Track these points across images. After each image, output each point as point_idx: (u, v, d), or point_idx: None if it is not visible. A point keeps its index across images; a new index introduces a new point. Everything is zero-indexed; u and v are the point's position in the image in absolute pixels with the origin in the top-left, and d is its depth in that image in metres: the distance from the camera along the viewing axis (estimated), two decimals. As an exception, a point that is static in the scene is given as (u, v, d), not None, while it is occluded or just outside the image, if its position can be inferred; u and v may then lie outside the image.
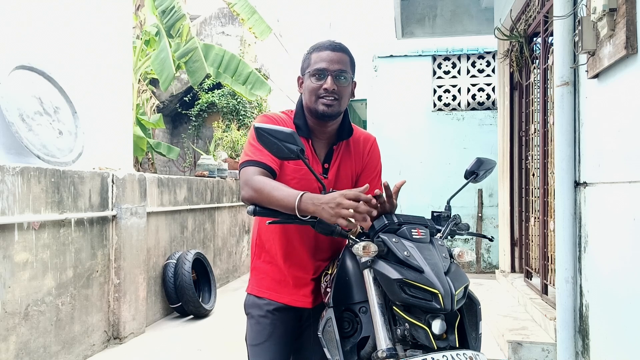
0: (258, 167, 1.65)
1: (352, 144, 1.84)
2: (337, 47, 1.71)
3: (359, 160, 1.85)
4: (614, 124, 2.41)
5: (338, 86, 1.68)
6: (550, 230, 3.63)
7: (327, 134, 1.79)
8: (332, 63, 1.67)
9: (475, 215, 7.23)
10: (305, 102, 1.75)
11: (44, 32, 4.16)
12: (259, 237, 1.86)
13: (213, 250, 6.31)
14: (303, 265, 1.78)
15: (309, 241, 1.78)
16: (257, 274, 1.86)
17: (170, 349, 4.04)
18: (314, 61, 1.70)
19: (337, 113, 1.72)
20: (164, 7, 7.04)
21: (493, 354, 3.50)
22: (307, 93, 1.72)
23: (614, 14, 2.24)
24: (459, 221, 1.67)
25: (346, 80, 1.70)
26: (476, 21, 6.43)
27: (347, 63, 1.71)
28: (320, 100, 1.68)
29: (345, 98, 1.72)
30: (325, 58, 1.68)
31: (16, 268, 3.08)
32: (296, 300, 1.78)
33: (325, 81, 1.67)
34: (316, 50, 1.72)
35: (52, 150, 3.88)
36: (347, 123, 1.81)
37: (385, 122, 7.66)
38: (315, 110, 1.71)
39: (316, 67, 1.68)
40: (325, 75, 1.67)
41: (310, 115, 1.76)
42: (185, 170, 10.59)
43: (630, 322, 2.26)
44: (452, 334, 1.33)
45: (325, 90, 1.67)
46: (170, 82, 6.67)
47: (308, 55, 1.74)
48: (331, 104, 1.68)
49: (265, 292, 1.81)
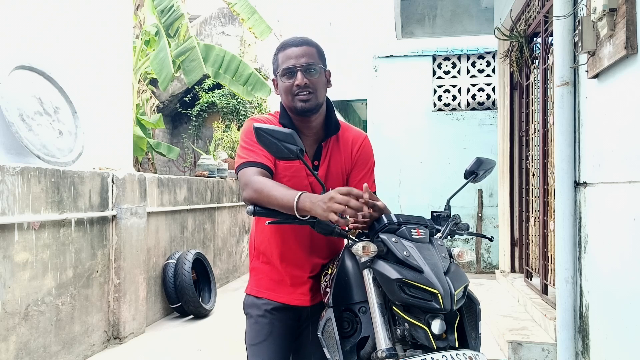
0: (256, 167, 1.66)
1: (342, 141, 1.83)
2: (300, 41, 1.71)
3: (349, 157, 1.84)
4: (614, 124, 2.41)
5: (309, 79, 1.67)
6: (550, 230, 3.63)
7: (313, 129, 1.78)
8: (298, 58, 1.67)
9: (475, 215, 7.23)
10: (284, 102, 1.76)
11: (44, 32, 4.16)
12: (256, 239, 1.87)
13: (213, 250, 6.31)
14: (300, 264, 1.79)
15: (305, 240, 1.78)
16: (256, 275, 1.87)
17: (170, 349, 4.04)
18: (282, 61, 1.71)
19: (316, 105, 1.71)
20: (163, 6, 7.04)
21: (493, 354, 3.50)
22: (282, 93, 1.73)
23: (614, 14, 2.24)
24: (459, 221, 1.67)
25: (316, 72, 1.69)
26: (476, 21, 6.43)
27: (313, 55, 1.70)
28: (296, 97, 1.68)
29: (321, 89, 1.72)
30: (291, 55, 1.68)
31: (16, 268, 3.08)
32: (294, 299, 1.79)
33: (295, 78, 1.67)
34: (281, 50, 1.72)
35: (52, 150, 3.88)
36: (332, 118, 1.81)
37: (385, 122, 7.66)
38: (294, 108, 1.71)
39: (284, 67, 1.69)
40: (294, 72, 1.67)
41: (292, 114, 1.76)
42: (185, 170, 10.59)
43: (630, 322, 2.26)
44: (452, 334, 1.34)
45: (298, 87, 1.67)
46: (169, 81, 6.66)
47: (276, 57, 1.74)
48: (307, 99, 1.68)
49: (264, 292, 1.81)
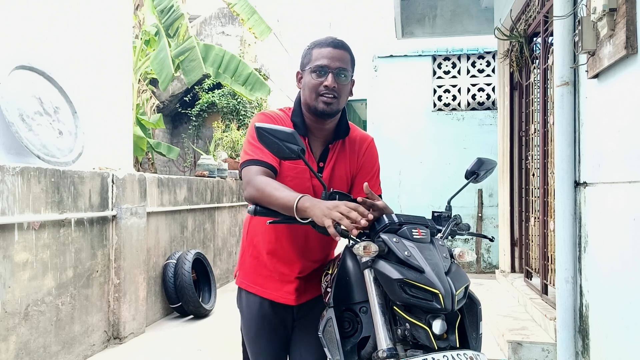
0: (260, 166, 1.64)
1: (348, 144, 1.82)
2: (339, 44, 1.68)
3: (354, 160, 1.82)
4: (614, 124, 2.41)
5: (338, 84, 1.65)
6: (550, 230, 3.63)
7: (324, 131, 1.77)
8: (334, 60, 1.65)
9: (475, 215, 7.23)
10: (305, 99, 1.72)
11: (44, 32, 4.16)
12: (248, 232, 1.87)
13: (213, 250, 6.31)
14: (289, 263, 1.78)
15: (299, 241, 1.77)
16: (245, 267, 1.87)
17: (170, 349, 4.04)
18: (315, 57, 1.67)
19: (336, 111, 1.70)
20: (163, 6, 7.04)
21: (493, 354, 3.50)
22: (306, 89, 1.69)
23: (614, 14, 2.24)
24: (460, 221, 1.67)
25: (346, 79, 1.67)
26: (476, 21, 6.42)
27: (348, 61, 1.68)
28: (320, 97, 1.66)
29: (345, 96, 1.71)
30: (327, 55, 1.65)
31: (16, 268, 3.08)
32: (280, 296, 1.80)
33: (326, 78, 1.64)
34: (318, 46, 1.68)
35: (52, 150, 3.88)
36: (344, 122, 1.80)
37: (385, 122, 7.65)
38: (314, 108, 1.68)
39: (317, 64, 1.65)
40: (326, 72, 1.65)
41: (308, 113, 1.74)
42: (185, 170, 10.59)
43: (630, 322, 2.26)
44: (453, 334, 1.33)
45: (326, 88, 1.64)
46: (169, 81, 6.66)
47: (309, 51, 1.71)
48: (331, 102, 1.65)
49: (254, 287, 1.83)
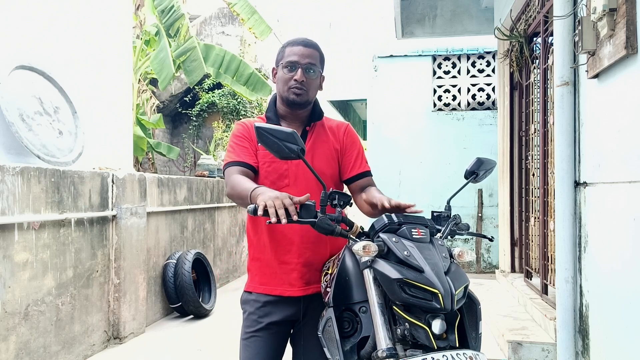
0: (237, 166, 1.81)
1: (329, 130, 1.97)
2: (309, 43, 1.87)
3: (336, 140, 1.97)
4: (614, 124, 2.41)
5: (307, 78, 1.84)
6: (550, 230, 3.63)
7: (298, 118, 1.93)
8: (304, 57, 1.83)
9: (475, 215, 7.23)
10: (278, 91, 1.91)
11: (44, 32, 4.16)
12: (249, 234, 1.95)
13: (213, 250, 6.31)
14: (288, 248, 1.82)
15: (294, 230, 1.82)
16: (251, 271, 1.94)
17: (170, 349, 4.04)
18: (287, 54, 1.86)
19: (306, 102, 1.88)
20: (163, 6, 7.04)
21: (493, 354, 3.50)
22: (280, 83, 1.88)
23: (614, 14, 2.24)
24: (459, 221, 1.67)
25: (315, 74, 1.86)
26: (476, 21, 6.42)
27: (316, 58, 1.87)
28: (290, 90, 1.84)
29: (313, 89, 1.89)
30: (297, 52, 1.84)
31: (16, 268, 3.08)
32: (285, 290, 1.82)
33: (295, 73, 1.83)
34: (290, 45, 1.88)
35: (52, 150, 3.88)
36: (317, 108, 1.97)
37: (385, 122, 7.65)
38: (286, 99, 1.87)
39: (288, 60, 1.84)
40: (296, 67, 1.83)
41: (282, 105, 1.92)
42: (185, 170, 10.59)
43: (630, 322, 2.26)
44: (452, 334, 1.34)
45: (295, 81, 1.83)
46: (169, 81, 6.67)
47: (283, 49, 1.90)
48: (300, 94, 1.84)
49: (258, 287, 1.88)
